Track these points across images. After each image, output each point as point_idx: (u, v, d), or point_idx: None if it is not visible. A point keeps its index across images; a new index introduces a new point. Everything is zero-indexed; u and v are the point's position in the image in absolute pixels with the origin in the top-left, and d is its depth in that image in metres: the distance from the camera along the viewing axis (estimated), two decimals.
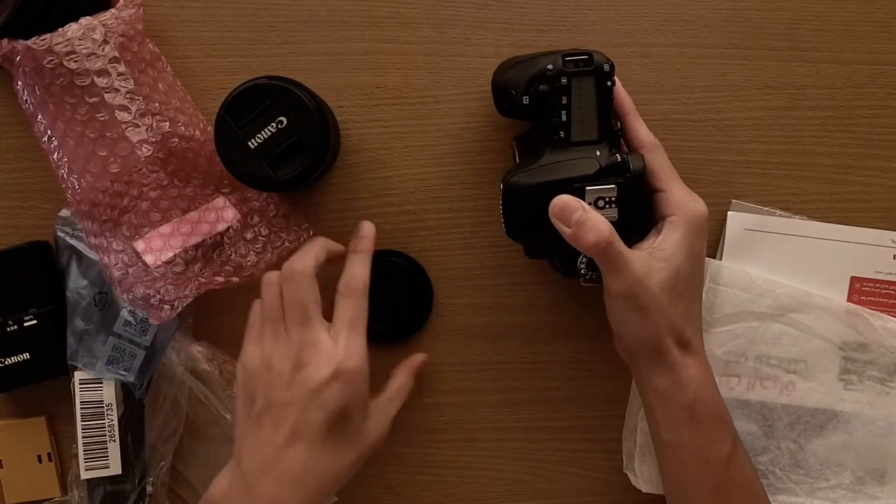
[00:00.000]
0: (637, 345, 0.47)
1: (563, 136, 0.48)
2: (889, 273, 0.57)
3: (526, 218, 0.48)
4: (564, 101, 0.47)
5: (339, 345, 0.48)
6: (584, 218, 0.44)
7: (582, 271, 0.50)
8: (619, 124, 0.50)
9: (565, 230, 0.45)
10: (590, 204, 0.47)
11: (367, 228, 0.53)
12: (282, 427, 0.47)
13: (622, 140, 0.51)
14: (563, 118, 0.47)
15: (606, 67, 0.48)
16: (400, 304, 0.57)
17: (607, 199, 0.47)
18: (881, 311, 0.57)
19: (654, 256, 0.46)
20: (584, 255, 0.49)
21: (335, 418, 0.47)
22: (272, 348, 0.49)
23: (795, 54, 0.57)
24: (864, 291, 0.57)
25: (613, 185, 0.47)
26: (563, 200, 0.45)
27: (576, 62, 0.47)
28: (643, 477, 0.56)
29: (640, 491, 0.56)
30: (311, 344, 0.48)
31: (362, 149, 0.57)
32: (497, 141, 0.57)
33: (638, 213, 0.48)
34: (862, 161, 0.58)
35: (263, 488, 0.47)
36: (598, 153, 0.47)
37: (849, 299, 0.57)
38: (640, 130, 0.50)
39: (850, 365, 0.57)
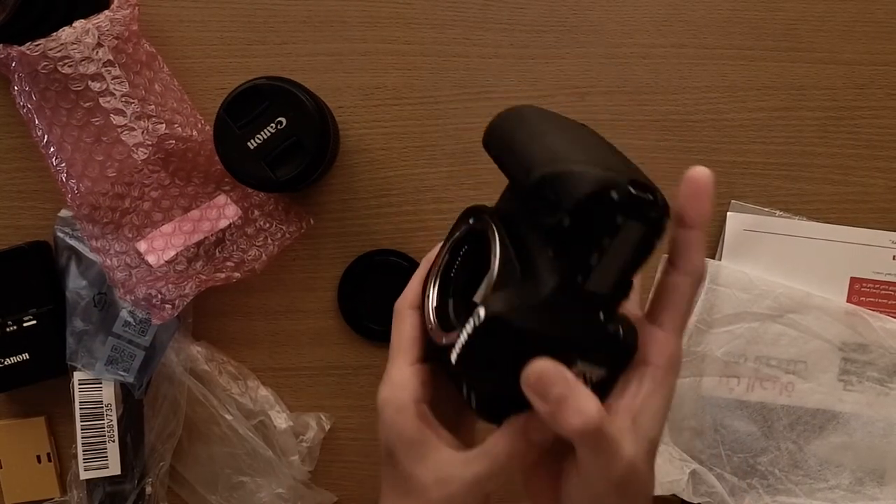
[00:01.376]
0: None
1: (579, 280, 0.34)
2: (888, 274, 0.57)
3: (491, 369, 0.35)
4: (606, 243, 0.34)
5: (386, 373, 0.41)
6: (565, 395, 0.32)
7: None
8: (633, 283, 0.37)
9: (541, 406, 0.33)
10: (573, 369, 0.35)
11: None
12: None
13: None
14: (592, 262, 0.34)
15: (665, 223, 0.35)
16: None
17: (588, 378, 0.36)
18: (880, 312, 0.57)
19: (640, 424, 0.36)
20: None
21: (385, 455, 0.40)
22: None
23: (795, 55, 0.57)
24: (863, 292, 0.57)
25: (603, 371, 0.36)
26: (542, 368, 0.32)
27: (640, 200, 0.33)
28: None
29: None
30: None
31: (362, 149, 0.57)
32: None
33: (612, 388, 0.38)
34: (862, 161, 0.58)
35: None
36: (601, 315, 0.36)
37: (848, 300, 0.57)
38: (695, 257, 0.37)
39: (849, 366, 0.57)
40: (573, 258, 0.34)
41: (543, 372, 0.33)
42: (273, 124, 0.47)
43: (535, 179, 0.33)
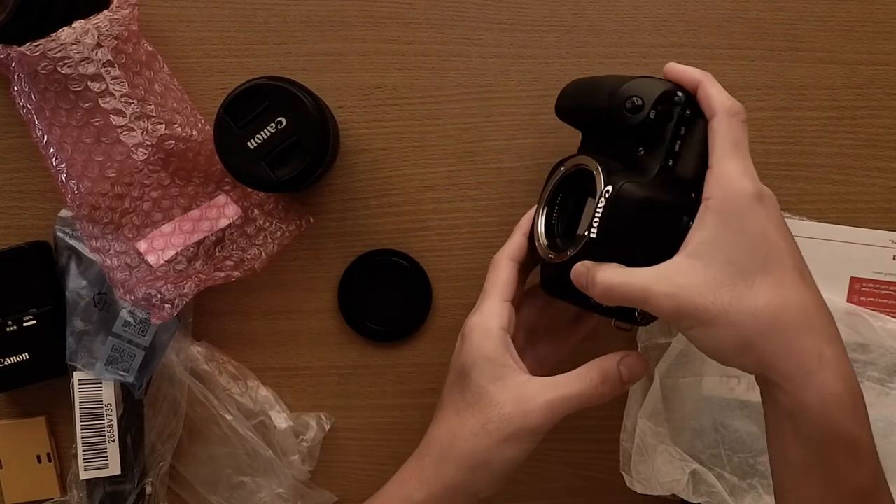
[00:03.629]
0: (726, 359, 0.41)
1: (671, 164, 0.44)
2: (889, 273, 0.57)
3: (628, 232, 0.43)
4: (683, 131, 0.44)
5: (477, 306, 0.47)
6: (588, 281, 0.42)
7: (638, 314, 0.45)
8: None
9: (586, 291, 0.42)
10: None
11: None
12: None
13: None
14: (677, 147, 0.44)
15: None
16: (400, 304, 0.57)
17: None
18: (881, 312, 0.57)
19: (690, 254, 0.40)
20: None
21: (455, 376, 0.46)
22: None
23: (795, 54, 0.57)
24: (863, 292, 0.57)
25: None
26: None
27: (697, 102, 0.44)
28: (639, 478, 0.56)
29: None
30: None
31: (362, 149, 0.57)
32: (496, 141, 0.57)
33: None
34: (862, 161, 0.58)
35: (425, 454, 0.46)
36: (693, 196, 0.43)
37: (848, 300, 0.57)
38: (715, 96, 0.43)
39: None
40: (662, 147, 0.44)
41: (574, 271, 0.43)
42: (273, 124, 0.47)
43: (622, 92, 0.44)
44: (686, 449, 0.57)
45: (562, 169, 0.48)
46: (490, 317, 0.45)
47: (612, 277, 0.41)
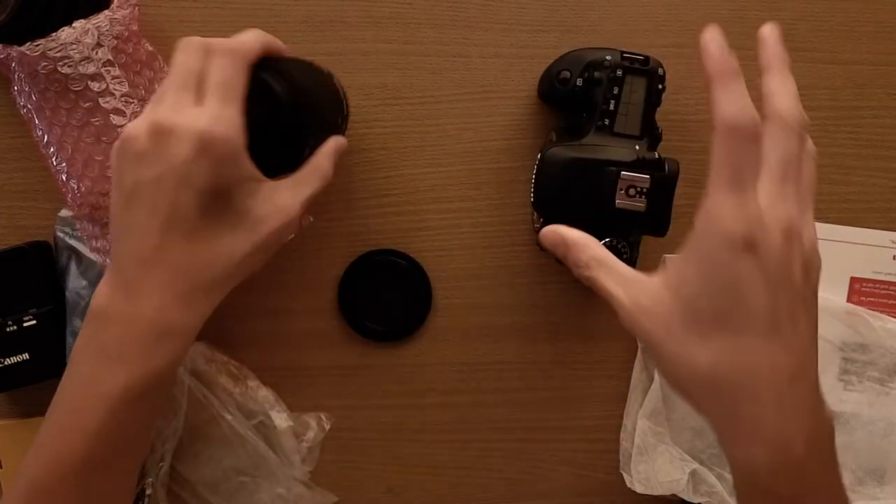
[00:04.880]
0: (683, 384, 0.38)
1: (606, 123, 0.50)
2: (889, 273, 0.57)
3: (557, 190, 0.50)
4: (615, 91, 0.50)
5: (205, 112, 0.40)
6: (564, 253, 0.43)
7: None
8: (660, 129, 0.52)
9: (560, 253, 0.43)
10: (621, 191, 0.49)
11: None
12: (154, 214, 0.39)
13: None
14: (611, 107, 0.50)
15: (660, 72, 0.51)
16: (400, 304, 0.57)
17: (638, 189, 0.49)
18: (881, 312, 0.57)
19: (666, 284, 0.37)
20: (602, 244, 0.49)
21: (208, 199, 0.40)
22: (160, 117, 0.40)
23: (795, 54, 0.57)
24: (863, 292, 0.57)
25: (648, 176, 0.49)
26: (548, 233, 0.44)
27: (632, 59, 0.50)
28: (638, 478, 0.56)
29: None
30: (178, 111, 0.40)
31: (362, 149, 0.57)
32: (497, 141, 0.57)
33: (661, 213, 0.50)
34: (862, 161, 0.58)
35: (147, 294, 0.40)
36: (637, 147, 0.50)
37: (848, 300, 0.57)
38: (719, 102, 0.37)
39: (849, 365, 0.57)
40: (596, 110, 0.50)
41: (551, 236, 0.43)
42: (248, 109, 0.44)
43: (552, 67, 0.52)
44: (686, 449, 0.57)
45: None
46: (236, 127, 0.40)
47: (592, 264, 0.41)
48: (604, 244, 0.51)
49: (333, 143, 0.48)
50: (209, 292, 0.42)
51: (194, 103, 0.40)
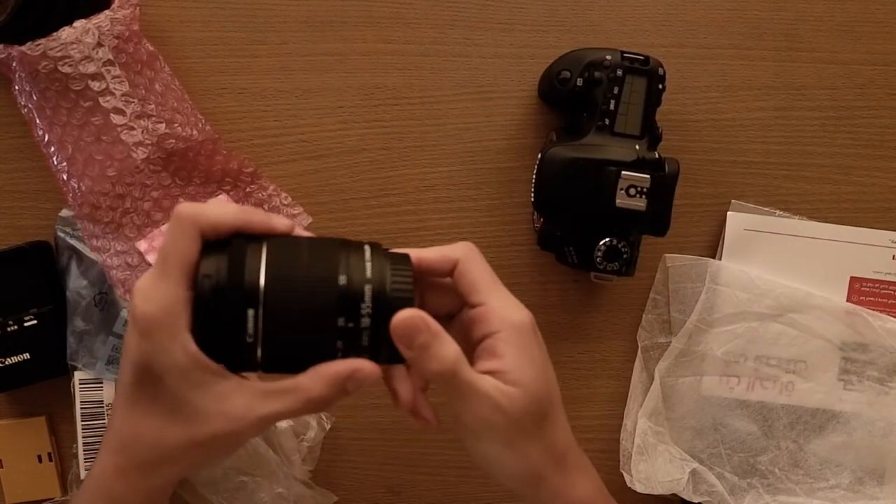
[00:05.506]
0: (513, 482, 0.40)
1: (606, 123, 0.50)
2: (888, 273, 0.57)
3: (557, 190, 0.50)
4: (615, 91, 0.50)
5: (139, 282, 0.36)
6: (427, 342, 0.36)
7: (598, 260, 0.51)
8: (660, 129, 0.52)
9: (406, 352, 0.37)
10: (621, 191, 0.49)
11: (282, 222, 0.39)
12: (119, 373, 0.38)
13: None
14: (611, 107, 0.50)
15: (660, 71, 0.51)
16: None
17: (639, 189, 0.49)
18: (881, 312, 0.57)
19: (505, 380, 0.38)
20: (603, 244, 0.51)
21: (140, 374, 0.37)
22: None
23: (795, 54, 0.57)
24: (863, 291, 0.57)
25: (648, 176, 0.49)
26: (408, 317, 0.36)
27: (632, 59, 0.50)
28: (639, 477, 0.56)
29: None
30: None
31: (362, 149, 0.57)
32: (497, 141, 0.57)
33: (661, 213, 0.50)
34: (862, 161, 0.58)
35: (102, 450, 0.39)
36: (637, 147, 0.50)
37: (848, 299, 0.57)
38: (432, 253, 0.40)
39: (849, 365, 0.57)
40: (596, 110, 0.50)
41: (411, 320, 0.36)
42: None
43: (553, 67, 0.52)
44: (686, 448, 0.57)
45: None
46: (163, 306, 0.35)
47: (453, 360, 0.38)
48: (604, 244, 0.51)
49: (342, 367, 0.36)
50: (142, 470, 0.38)
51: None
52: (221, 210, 0.37)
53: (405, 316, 0.36)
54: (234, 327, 0.35)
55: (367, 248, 0.37)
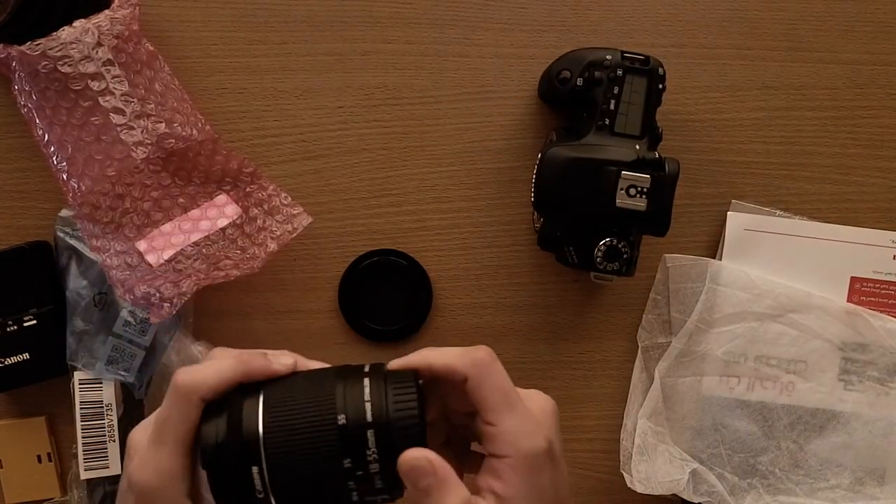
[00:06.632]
0: None
1: (607, 123, 0.50)
2: (889, 273, 0.57)
3: (557, 190, 0.50)
4: (616, 91, 0.50)
5: (139, 451, 0.36)
6: (431, 487, 0.35)
7: (598, 260, 0.51)
8: (660, 128, 0.52)
9: (412, 490, 0.36)
10: (621, 190, 0.49)
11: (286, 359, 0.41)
12: None
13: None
14: (611, 107, 0.50)
15: (661, 71, 0.51)
16: (400, 304, 0.57)
17: (639, 189, 0.49)
18: (881, 312, 0.57)
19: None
20: (603, 244, 0.50)
21: None
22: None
23: (795, 54, 0.57)
24: (863, 291, 0.57)
25: (648, 176, 0.49)
26: (412, 459, 0.35)
27: (632, 59, 0.50)
28: (639, 478, 0.56)
29: None
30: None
31: (362, 149, 0.57)
32: (497, 141, 0.57)
33: (661, 213, 0.50)
34: (862, 161, 0.58)
35: None
36: (637, 147, 0.50)
37: (848, 299, 0.57)
38: (441, 358, 0.39)
39: (849, 365, 0.57)
40: (596, 110, 0.50)
41: (416, 462, 0.35)
42: None
43: (553, 67, 0.52)
44: (686, 448, 0.57)
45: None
46: (160, 475, 0.36)
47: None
48: (604, 244, 0.51)
49: None
50: None
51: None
52: (219, 372, 0.36)
53: (410, 458, 0.34)
54: (243, 486, 0.34)
55: (366, 378, 0.36)
